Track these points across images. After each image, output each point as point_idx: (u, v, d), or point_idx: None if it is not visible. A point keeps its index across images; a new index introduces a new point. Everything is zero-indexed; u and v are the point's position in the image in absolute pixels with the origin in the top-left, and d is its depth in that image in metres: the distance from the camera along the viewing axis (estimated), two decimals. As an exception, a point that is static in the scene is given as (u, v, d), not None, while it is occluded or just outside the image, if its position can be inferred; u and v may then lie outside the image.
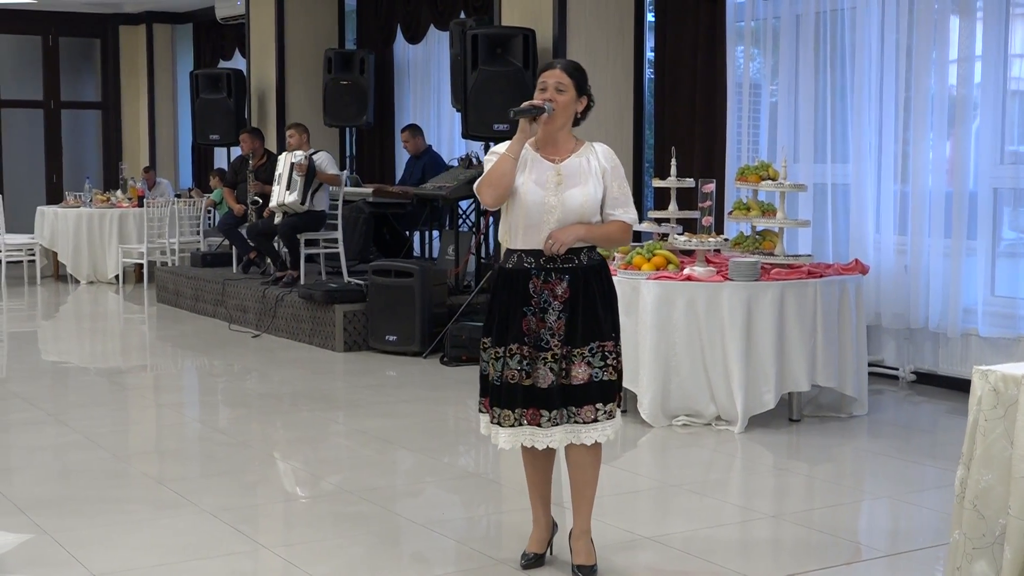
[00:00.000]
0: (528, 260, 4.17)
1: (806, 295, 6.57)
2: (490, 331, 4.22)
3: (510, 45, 8.97)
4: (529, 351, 4.14)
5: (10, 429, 6.84)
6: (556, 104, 4.16)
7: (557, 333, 4.13)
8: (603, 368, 4.17)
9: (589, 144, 4.27)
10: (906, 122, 7.68)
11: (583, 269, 4.17)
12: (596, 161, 4.21)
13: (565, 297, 4.14)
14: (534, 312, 4.15)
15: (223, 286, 10.78)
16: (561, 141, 4.24)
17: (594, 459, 4.27)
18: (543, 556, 4.39)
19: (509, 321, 4.16)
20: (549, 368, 4.13)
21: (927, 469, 5.91)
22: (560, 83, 4.19)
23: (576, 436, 4.17)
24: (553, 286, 4.15)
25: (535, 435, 4.16)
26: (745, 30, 8.70)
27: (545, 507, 4.39)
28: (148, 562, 4.43)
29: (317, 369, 8.56)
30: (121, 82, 17.36)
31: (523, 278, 4.17)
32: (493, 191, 4.16)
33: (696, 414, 6.56)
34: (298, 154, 10.00)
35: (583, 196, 4.14)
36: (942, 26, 7.45)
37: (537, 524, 4.40)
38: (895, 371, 7.83)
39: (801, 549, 4.65)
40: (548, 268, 4.15)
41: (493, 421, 4.22)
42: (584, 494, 4.28)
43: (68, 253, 13.67)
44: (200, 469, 6.01)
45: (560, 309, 4.14)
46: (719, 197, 7.93)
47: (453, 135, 12.01)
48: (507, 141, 4.25)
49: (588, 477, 4.27)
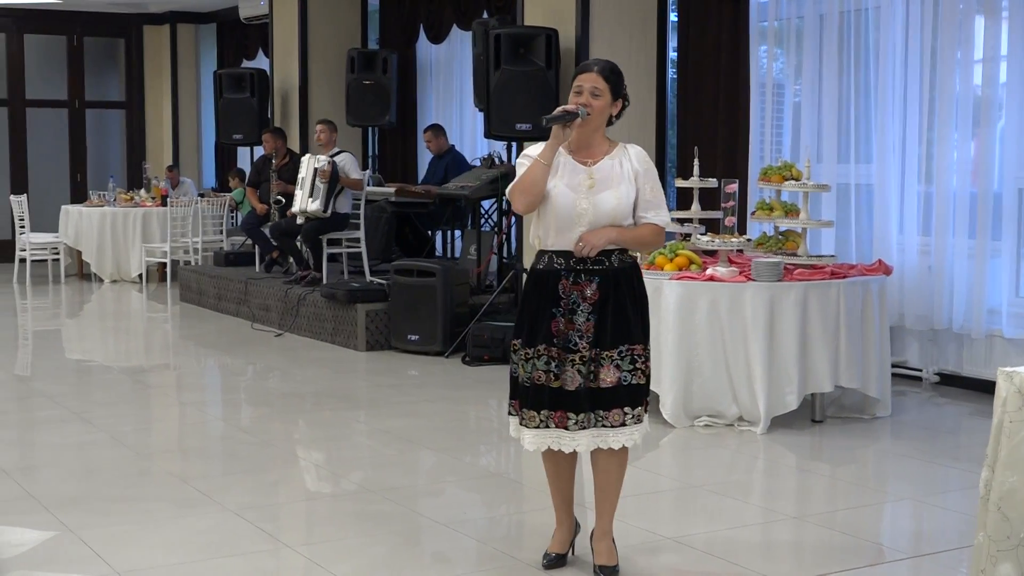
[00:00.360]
0: (558, 261, 4.15)
1: (829, 296, 6.55)
2: (521, 332, 4.20)
3: (533, 45, 8.97)
4: (557, 352, 4.12)
5: (35, 427, 6.89)
6: (591, 109, 4.12)
7: (585, 335, 4.11)
8: (632, 372, 4.14)
9: (623, 146, 4.24)
10: (930, 122, 7.64)
11: (614, 271, 4.14)
12: (629, 163, 4.18)
13: (594, 299, 4.12)
14: (563, 313, 4.13)
15: (246, 285, 10.82)
16: (595, 143, 4.21)
17: (620, 462, 4.26)
18: (565, 556, 4.38)
19: (538, 322, 4.14)
20: (576, 370, 4.10)
21: (951, 471, 5.88)
22: (596, 87, 4.14)
23: (604, 440, 4.15)
24: (582, 287, 4.12)
25: (561, 438, 4.14)
26: (768, 30, 8.67)
27: (567, 508, 4.38)
28: (171, 560, 4.45)
29: (339, 368, 8.57)
30: (145, 82, 17.44)
31: (553, 279, 4.15)
32: (525, 198, 4.13)
33: (718, 415, 6.54)
34: (321, 159, 10.00)
35: (615, 200, 4.11)
36: (967, 26, 7.42)
37: (560, 525, 4.38)
38: (919, 372, 7.79)
39: (824, 551, 4.64)
40: (578, 269, 4.13)
41: (521, 422, 4.21)
42: (608, 496, 4.27)
43: (92, 252, 13.74)
44: (223, 468, 6.03)
45: (589, 311, 4.12)
46: (742, 197, 7.91)
47: (475, 135, 12.01)
48: (539, 143, 4.21)
49: (613, 480, 4.26)
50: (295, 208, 10.14)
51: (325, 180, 9.87)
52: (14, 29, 16.54)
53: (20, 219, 13.75)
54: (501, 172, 9.86)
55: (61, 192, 16.53)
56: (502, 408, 7.50)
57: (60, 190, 16.59)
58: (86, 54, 17.14)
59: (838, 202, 8.13)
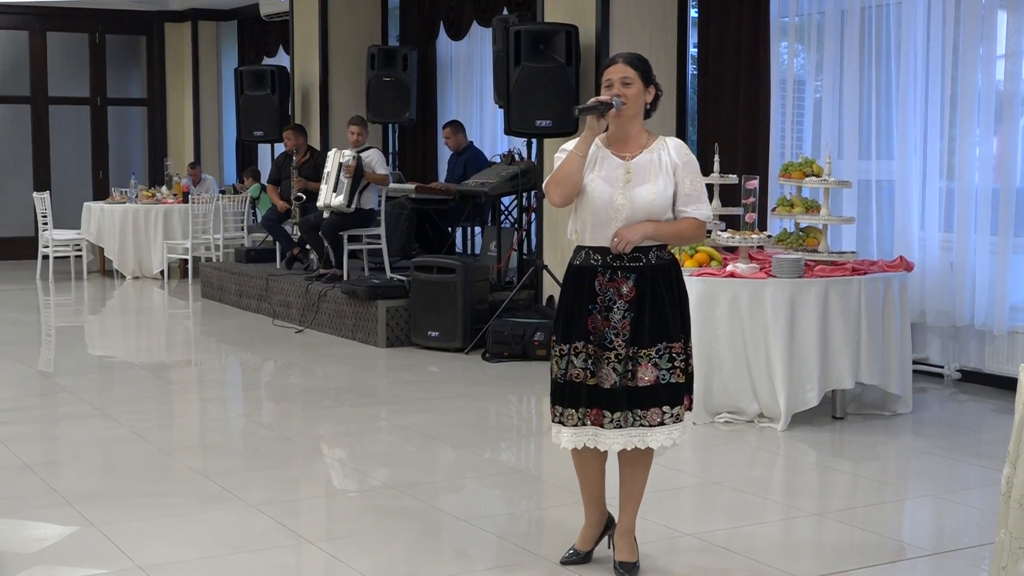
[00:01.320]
0: (595, 257, 4.11)
1: (850, 292, 6.53)
2: (557, 327, 4.17)
3: (553, 41, 8.97)
4: (594, 350, 4.08)
5: (58, 423, 6.93)
6: (625, 98, 4.08)
7: (622, 333, 4.06)
8: (670, 370, 4.09)
9: (662, 139, 4.19)
10: (952, 118, 7.61)
11: (651, 268, 4.09)
12: (668, 156, 4.12)
13: (631, 296, 4.07)
14: (599, 310, 4.09)
15: (267, 282, 10.85)
16: (632, 136, 4.16)
17: (647, 460, 4.23)
18: (589, 555, 4.35)
19: (574, 318, 4.10)
20: (612, 368, 4.06)
21: (972, 468, 5.86)
22: (626, 76, 4.10)
23: (642, 439, 4.09)
24: (619, 284, 4.08)
25: (598, 436, 4.10)
26: (789, 25, 8.65)
27: (596, 505, 4.33)
28: (192, 555, 4.47)
29: (359, 365, 8.59)
30: (166, 79, 17.51)
31: (589, 275, 4.11)
32: (560, 190, 4.10)
33: (739, 411, 6.53)
34: (347, 153, 10.01)
35: (652, 194, 4.06)
36: (989, 21, 7.38)
37: (587, 521, 4.35)
38: (940, 369, 7.77)
39: (844, 547, 4.63)
40: (614, 266, 4.08)
41: (554, 420, 4.17)
42: (634, 493, 4.25)
43: (114, 249, 13.80)
44: (244, 463, 6.06)
45: (625, 308, 4.07)
46: (762, 193, 7.89)
47: (496, 131, 12.02)
48: (576, 138, 4.17)
49: (639, 477, 4.24)
50: (319, 203, 10.15)
51: (349, 175, 9.89)
52: (37, 27, 16.63)
53: (43, 216, 13.83)
54: (521, 169, 9.86)
55: (83, 189, 16.62)
56: (522, 404, 7.52)
57: (82, 187, 16.68)
58: (108, 51, 17.22)
59: (859, 198, 8.10)
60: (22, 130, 16.63)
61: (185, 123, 17.53)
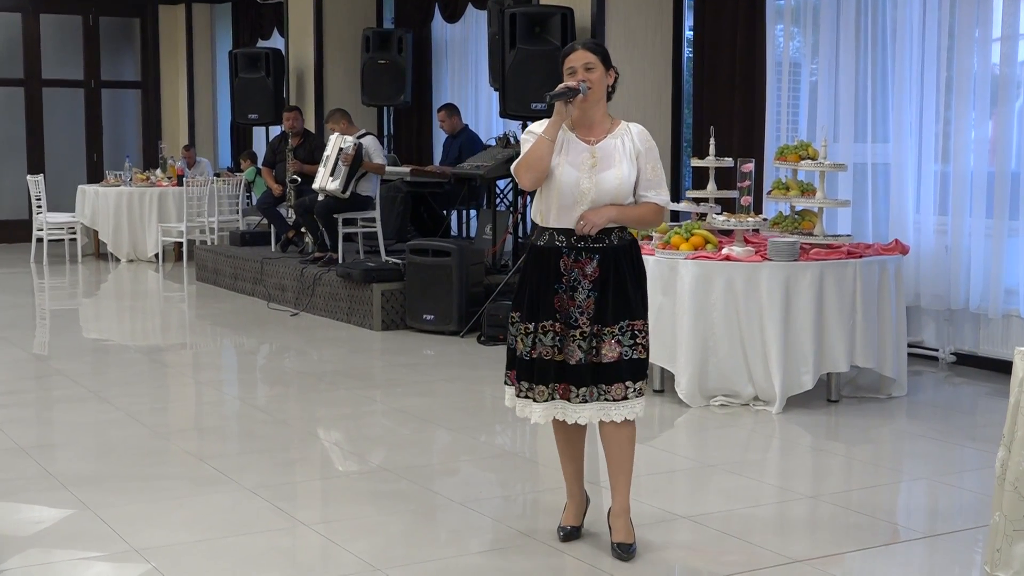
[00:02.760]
0: (559, 239, 4.22)
1: (845, 275, 6.54)
2: (520, 306, 4.28)
3: (548, 24, 8.95)
4: (561, 328, 4.20)
5: (52, 406, 6.92)
6: (589, 83, 4.18)
7: (586, 311, 4.18)
8: (633, 347, 4.21)
9: (625, 124, 4.30)
10: (947, 101, 7.61)
11: (613, 249, 4.21)
12: (631, 143, 4.24)
13: (595, 276, 4.19)
14: (564, 290, 4.20)
15: (262, 265, 10.84)
16: (597, 121, 4.26)
17: (628, 436, 4.29)
18: (580, 528, 4.44)
19: (540, 298, 4.22)
20: (578, 345, 4.18)
21: (967, 451, 5.87)
22: (588, 62, 4.21)
23: (606, 413, 4.21)
24: (583, 265, 4.19)
25: (566, 409, 4.23)
26: (785, 8, 8.64)
27: (578, 482, 4.45)
28: (188, 538, 4.48)
29: (355, 348, 8.59)
30: (160, 62, 17.46)
31: (554, 256, 4.22)
32: (530, 174, 4.20)
33: (734, 394, 6.54)
34: (348, 140, 9.96)
35: (617, 179, 4.18)
36: (985, 4, 7.37)
37: (571, 498, 4.46)
38: (935, 352, 7.78)
39: (839, 530, 4.64)
40: (578, 247, 4.19)
41: (520, 395, 4.28)
42: (621, 472, 4.30)
43: (108, 232, 13.78)
44: (239, 446, 6.06)
45: (589, 288, 4.19)
46: (758, 177, 7.89)
47: (491, 114, 12.00)
48: (543, 120, 4.26)
49: (624, 454, 4.30)
50: (315, 185, 10.12)
51: (347, 164, 9.85)
52: (30, 9, 16.56)
53: (37, 199, 13.79)
54: (516, 151, 9.84)
55: (78, 172, 16.58)
56: (517, 387, 7.52)
57: (77, 170, 16.64)
58: (102, 34, 17.16)
59: (855, 181, 8.10)
60: (16, 113, 16.58)
61: (179, 106, 17.49)
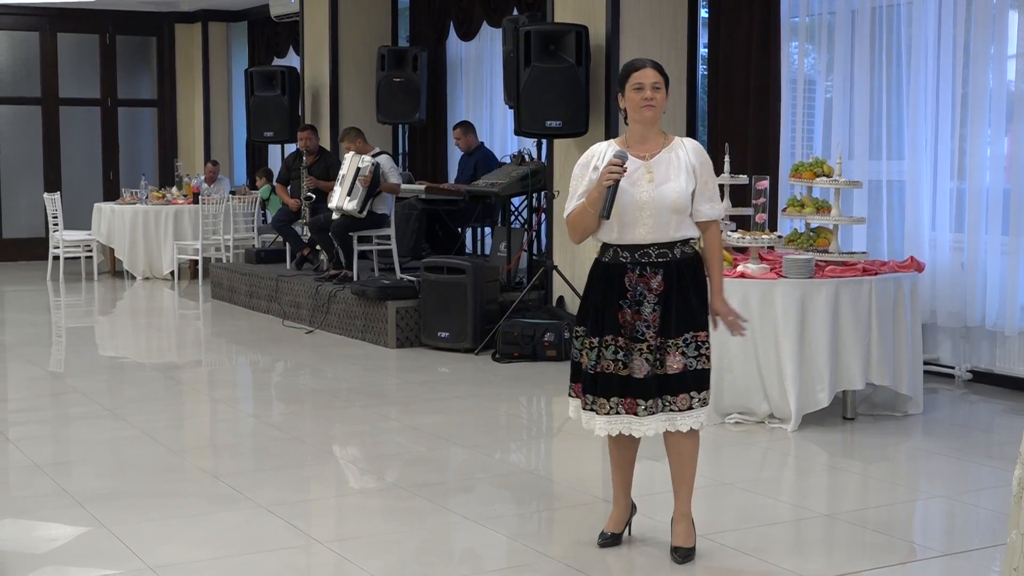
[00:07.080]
0: (624, 255, 4.30)
1: (861, 293, 6.52)
2: (584, 321, 4.36)
3: (563, 42, 8.97)
4: (625, 342, 4.27)
5: (68, 424, 6.94)
6: (656, 103, 4.27)
7: (652, 325, 4.26)
8: (697, 358, 4.31)
9: (679, 139, 4.39)
10: (963, 118, 7.59)
11: (676, 263, 4.30)
12: (686, 156, 4.31)
13: (660, 290, 4.27)
14: (630, 305, 4.28)
15: (277, 282, 10.86)
16: (651, 138, 4.34)
17: (693, 445, 4.41)
18: (620, 536, 4.55)
19: (605, 313, 4.30)
20: (645, 359, 4.25)
21: (983, 469, 5.84)
22: (656, 82, 4.30)
23: (672, 423, 4.30)
24: (648, 280, 4.27)
25: (631, 423, 4.30)
26: (800, 25, 8.63)
27: (626, 490, 4.56)
28: (203, 555, 4.48)
29: (370, 365, 8.60)
30: (177, 80, 17.54)
31: (619, 272, 4.29)
32: (580, 236, 4.38)
33: (749, 412, 6.52)
34: (365, 160, 9.98)
35: (675, 192, 4.25)
36: (1000, 21, 7.36)
37: (617, 505, 4.57)
38: (951, 370, 7.75)
39: (855, 548, 4.62)
40: (643, 263, 4.28)
41: (586, 408, 4.36)
42: (684, 479, 4.42)
43: (124, 249, 13.82)
44: (254, 464, 6.07)
45: (655, 302, 4.27)
46: (773, 194, 7.88)
47: (506, 132, 12.02)
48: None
49: (688, 463, 4.42)
50: (331, 204, 10.14)
51: (365, 185, 9.86)
52: (47, 28, 16.66)
53: (53, 217, 13.86)
54: (531, 169, 9.86)
55: (94, 190, 16.66)
56: (532, 405, 7.52)
57: (93, 188, 16.72)
58: (118, 52, 17.25)
59: (870, 198, 8.08)
60: (33, 131, 16.66)
61: (195, 124, 17.56)
